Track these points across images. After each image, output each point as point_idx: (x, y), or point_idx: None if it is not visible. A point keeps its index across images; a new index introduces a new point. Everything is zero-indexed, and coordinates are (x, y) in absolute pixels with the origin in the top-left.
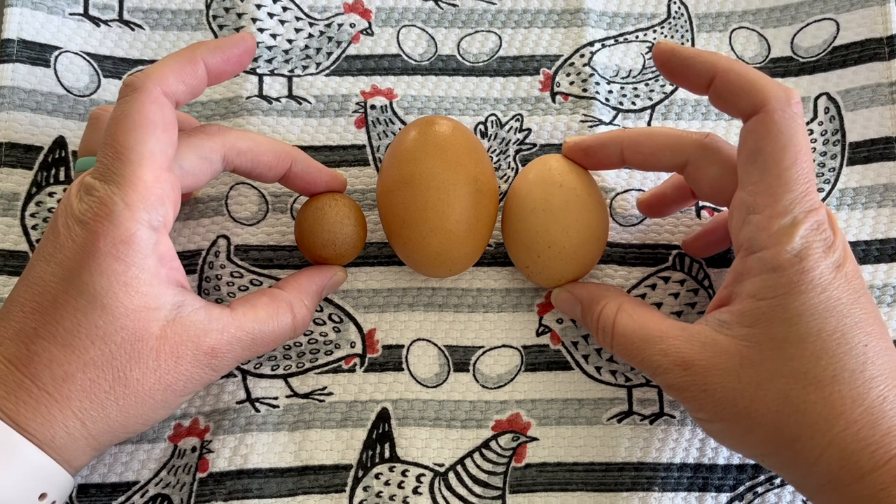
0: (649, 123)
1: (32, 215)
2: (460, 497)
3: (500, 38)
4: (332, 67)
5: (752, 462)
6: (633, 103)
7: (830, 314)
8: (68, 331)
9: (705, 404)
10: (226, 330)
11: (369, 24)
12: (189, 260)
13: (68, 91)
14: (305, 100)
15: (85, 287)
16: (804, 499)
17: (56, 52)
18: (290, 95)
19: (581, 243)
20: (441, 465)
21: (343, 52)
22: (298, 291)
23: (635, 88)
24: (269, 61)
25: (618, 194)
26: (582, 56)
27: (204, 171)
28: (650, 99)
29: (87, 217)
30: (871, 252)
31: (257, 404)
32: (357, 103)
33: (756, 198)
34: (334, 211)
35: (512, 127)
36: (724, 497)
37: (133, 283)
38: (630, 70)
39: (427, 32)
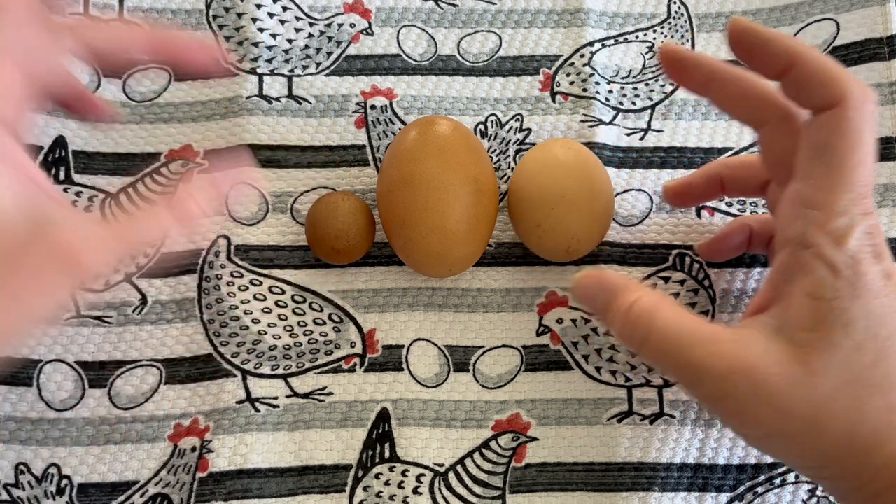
0: (649, 123)
1: None
2: (460, 497)
3: (500, 38)
4: (332, 67)
5: (752, 462)
6: (633, 103)
7: (886, 320)
8: None
9: (765, 416)
10: None
11: (369, 23)
12: (189, 260)
13: None
14: (305, 100)
15: None
16: (804, 499)
17: None
18: (290, 95)
19: (595, 195)
20: (441, 465)
21: (343, 51)
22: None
23: (635, 88)
24: (269, 61)
25: (618, 194)
26: (582, 56)
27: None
28: (650, 99)
29: None
30: None
31: (257, 404)
32: (357, 103)
33: (816, 192)
34: (347, 204)
35: (512, 127)
36: (724, 497)
37: None
38: (630, 70)
39: (427, 32)
